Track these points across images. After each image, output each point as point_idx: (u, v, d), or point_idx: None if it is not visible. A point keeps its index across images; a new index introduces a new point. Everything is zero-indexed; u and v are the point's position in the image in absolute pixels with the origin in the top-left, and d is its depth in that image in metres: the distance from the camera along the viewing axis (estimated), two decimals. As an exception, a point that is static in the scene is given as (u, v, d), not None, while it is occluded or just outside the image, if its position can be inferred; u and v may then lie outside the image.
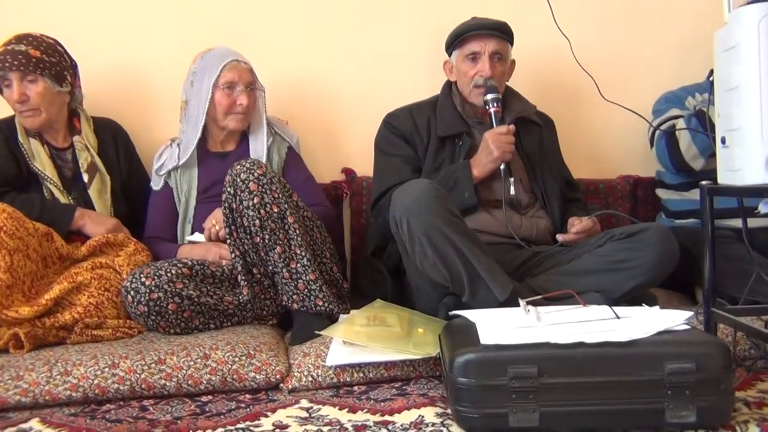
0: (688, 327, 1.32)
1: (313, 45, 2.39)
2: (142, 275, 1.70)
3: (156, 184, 2.11)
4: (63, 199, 1.94)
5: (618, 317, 1.33)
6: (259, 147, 2.11)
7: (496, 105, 1.98)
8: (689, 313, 1.35)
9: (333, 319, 1.78)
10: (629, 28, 2.51)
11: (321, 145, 2.40)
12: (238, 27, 2.33)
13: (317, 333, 1.66)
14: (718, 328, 1.56)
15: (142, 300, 1.69)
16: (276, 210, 1.75)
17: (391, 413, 1.36)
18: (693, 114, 2.12)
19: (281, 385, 1.54)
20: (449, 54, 2.14)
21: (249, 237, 1.78)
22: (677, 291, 2.12)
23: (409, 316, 1.76)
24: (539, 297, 1.51)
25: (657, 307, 1.44)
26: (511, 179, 1.95)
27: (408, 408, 1.38)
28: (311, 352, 1.61)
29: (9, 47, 1.86)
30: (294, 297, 1.78)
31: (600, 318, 1.34)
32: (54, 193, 1.94)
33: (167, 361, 1.53)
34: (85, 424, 1.37)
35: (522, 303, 1.42)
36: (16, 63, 1.84)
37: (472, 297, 1.68)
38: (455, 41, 2.08)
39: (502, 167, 1.93)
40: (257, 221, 1.75)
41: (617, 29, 2.50)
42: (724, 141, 1.46)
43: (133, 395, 1.50)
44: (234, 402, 1.47)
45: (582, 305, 1.45)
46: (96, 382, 1.48)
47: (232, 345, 1.59)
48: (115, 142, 2.10)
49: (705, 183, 1.50)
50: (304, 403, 1.44)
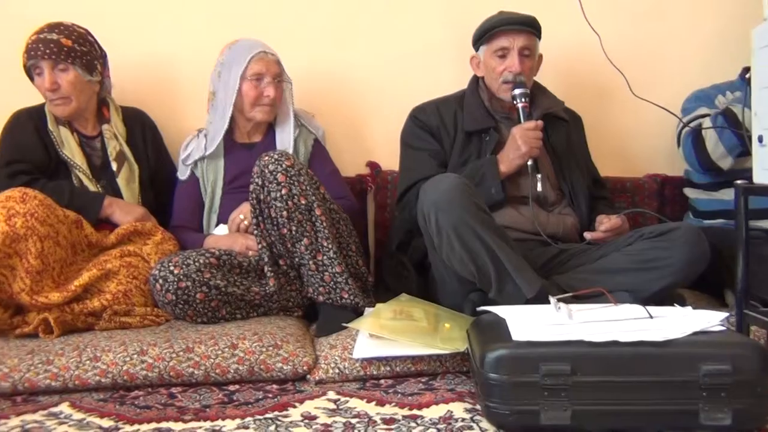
0: (723, 328, 1.31)
1: (340, 38, 2.38)
2: (170, 264, 1.71)
3: (182, 174, 2.11)
4: (92, 187, 1.95)
5: (651, 317, 1.32)
6: (286, 139, 2.11)
7: (524, 100, 1.97)
8: (725, 314, 1.33)
9: (358, 313, 1.78)
10: (660, 23, 2.47)
11: (346, 139, 2.39)
12: (265, 18, 2.33)
13: (344, 325, 1.66)
14: (750, 330, 1.54)
15: (170, 288, 1.70)
16: (303, 202, 1.75)
17: (419, 407, 1.36)
18: (720, 112, 2.09)
19: (308, 377, 1.55)
20: (476, 49, 2.12)
21: (276, 228, 1.78)
22: (704, 292, 2.09)
23: (435, 310, 1.75)
24: (569, 294, 1.49)
25: (689, 308, 1.43)
26: (538, 175, 1.93)
27: (436, 403, 1.38)
28: (338, 344, 1.61)
29: (41, 36, 1.88)
30: (320, 289, 1.78)
31: (633, 317, 1.32)
32: (83, 181, 1.95)
33: (195, 350, 1.54)
34: (115, 409, 1.38)
35: (552, 300, 1.41)
36: (48, 52, 1.85)
37: (498, 293, 1.67)
38: (483, 36, 2.06)
39: (529, 163, 1.92)
40: (285, 213, 1.75)
41: (648, 24, 2.46)
42: (761, 140, 1.44)
43: (162, 382, 1.51)
44: (261, 392, 1.48)
45: (613, 303, 1.43)
46: (125, 368, 1.49)
47: (259, 335, 1.60)
48: (143, 131, 2.11)
49: (740, 182, 1.48)
50: (331, 395, 1.44)
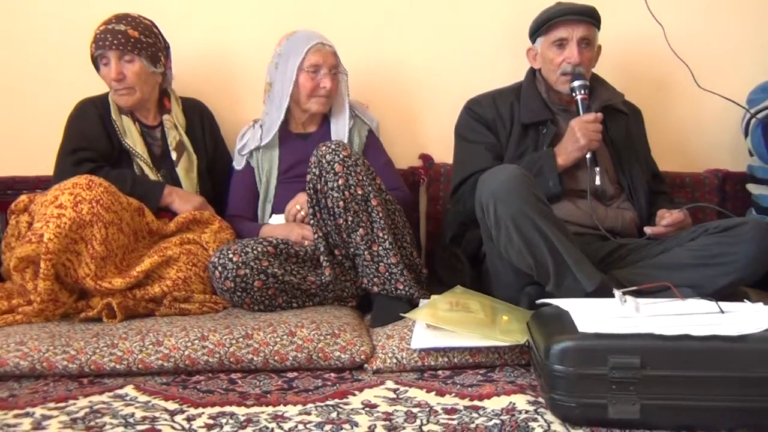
0: (798, 324, 1.26)
1: (396, 29, 2.37)
2: (229, 252, 1.73)
3: (238, 163, 2.14)
4: (152, 176, 1.99)
5: (723, 311, 1.28)
6: (341, 129, 2.12)
7: (583, 92, 1.93)
8: (801, 310, 1.29)
9: (413, 304, 1.77)
10: (727, 13, 2.39)
11: (399, 130, 2.39)
12: (322, 9, 2.34)
13: (401, 315, 1.65)
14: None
15: (229, 276, 1.72)
16: (360, 192, 1.76)
17: (480, 398, 1.35)
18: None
19: (365, 366, 1.55)
20: (533, 41, 2.09)
21: (332, 218, 1.79)
22: (765, 290, 2.02)
23: (491, 303, 1.73)
24: (634, 288, 1.46)
25: (760, 303, 1.38)
26: (597, 169, 1.90)
27: (497, 394, 1.36)
28: (395, 334, 1.61)
29: (109, 26, 1.92)
30: (375, 280, 1.78)
31: (703, 311, 1.29)
32: (144, 170, 1.99)
33: (254, 337, 1.56)
34: (178, 393, 1.40)
35: (617, 293, 1.38)
36: (115, 42, 1.90)
37: (557, 286, 1.65)
38: (541, 27, 2.02)
39: (587, 156, 1.88)
40: (341, 203, 1.75)
41: (713, 15, 2.38)
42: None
43: (222, 368, 1.53)
44: (320, 379, 1.49)
45: (680, 298, 1.39)
46: (187, 353, 1.52)
47: (317, 324, 1.60)
48: (202, 122, 2.14)
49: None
50: (389, 384, 1.44)
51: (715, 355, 1.18)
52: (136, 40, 1.92)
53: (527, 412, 1.28)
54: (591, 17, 1.98)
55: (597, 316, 1.29)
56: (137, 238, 1.85)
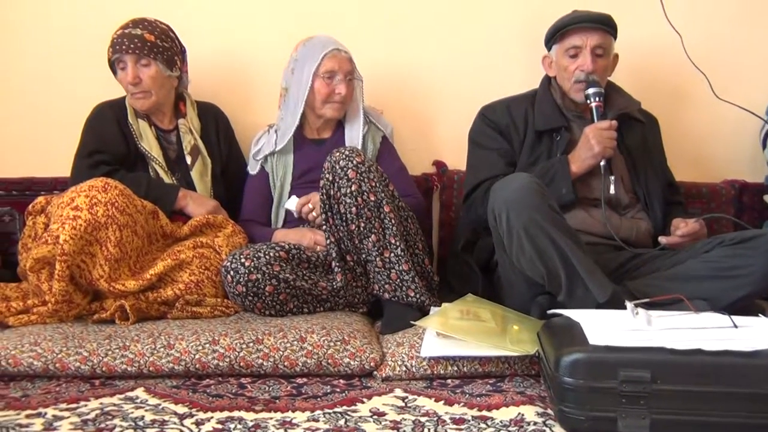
0: (814, 341, 1.24)
1: (411, 36, 2.38)
2: (242, 256, 1.74)
3: (252, 168, 2.15)
4: (167, 179, 2.01)
5: (736, 326, 1.26)
6: (355, 135, 2.12)
7: (598, 99, 1.92)
8: (816, 327, 1.27)
9: (424, 312, 1.77)
10: (744, 24, 2.37)
11: (413, 136, 2.39)
12: (337, 15, 2.35)
13: (412, 323, 1.65)
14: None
15: (240, 280, 1.73)
16: (373, 198, 1.76)
17: (489, 409, 1.34)
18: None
19: (375, 373, 1.55)
20: (548, 49, 2.08)
21: (345, 224, 1.79)
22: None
23: (502, 312, 1.73)
24: (646, 300, 1.44)
25: (775, 318, 1.36)
26: (611, 177, 1.88)
27: (506, 405, 1.35)
28: (404, 342, 1.61)
29: (126, 31, 1.94)
30: (386, 286, 1.78)
31: (717, 326, 1.27)
32: (159, 174, 2.01)
33: (264, 342, 1.56)
34: (188, 396, 1.41)
35: (629, 305, 1.36)
36: (132, 46, 1.92)
37: (568, 297, 1.63)
38: (555, 35, 2.02)
39: (602, 164, 1.87)
40: (354, 209, 1.76)
41: (731, 24, 2.36)
42: None
43: (232, 372, 1.54)
44: (329, 386, 1.49)
45: (693, 311, 1.38)
46: (197, 356, 1.53)
47: (327, 330, 1.61)
48: (216, 126, 2.16)
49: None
50: (398, 392, 1.44)
51: (728, 371, 1.16)
52: (152, 44, 1.94)
53: (536, 423, 1.27)
54: (606, 25, 1.96)
55: (608, 328, 1.28)
56: (151, 240, 1.87)
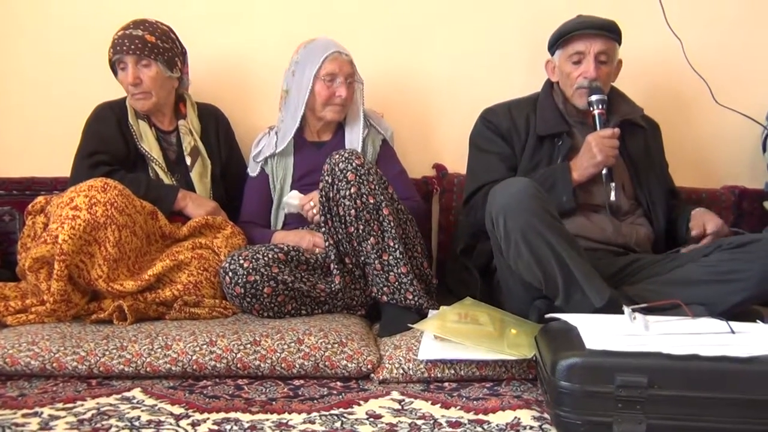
0: (811, 347, 1.24)
1: (412, 39, 2.38)
2: (240, 257, 1.74)
3: (253, 170, 2.16)
4: (166, 180, 2.01)
5: (733, 332, 1.26)
6: (355, 138, 2.12)
7: (600, 107, 1.90)
8: (813, 333, 1.26)
9: (422, 314, 1.77)
10: (744, 30, 2.36)
11: (413, 140, 2.39)
12: (339, 18, 2.35)
13: (410, 326, 1.65)
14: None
15: (239, 282, 1.73)
16: (372, 201, 1.76)
17: (485, 413, 1.34)
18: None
19: (372, 376, 1.55)
20: (552, 53, 2.07)
21: (344, 226, 1.79)
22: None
23: (501, 316, 1.72)
24: (644, 305, 1.44)
25: (773, 324, 1.36)
26: (612, 184, 1.88)
27: (502, 409, 1.35)
28: (402, 344, 1.60)
29: (127, 32, 1.95)
30: (384, 289, 1.78)
31: (714, 331, 1.27)
32: (159, 174, 2.01)
33: (262, 343, 1.56)
34: (185, 397, 1.41)
35: (627, 310, 1.36)
36: (132, 47, 1.92)
37: (566, 301, 1.63)
38: (559, 40, 2.01)
39: (603, 172, 1.87)
40: (353, 211, 1.76)
41: (732, 31, 2.36)
42: None
43: (229, 373, 1.54)
44: (326, 388, 1.49)
45: (690, 316, 1.38)
46: (194, 357, 1.53)
47: (324, 332, 1.61)
48: (216, 127, 2.16)
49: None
50: (395, 395, 1.44)
51: (724, 377, 1.16)
52: (152, 45, 1.94)
53: (532, 427, 1.27)
54: (610, 32, 1.95)
55: (605, 333, 1.28)
56: (150, 241, 1.87)
